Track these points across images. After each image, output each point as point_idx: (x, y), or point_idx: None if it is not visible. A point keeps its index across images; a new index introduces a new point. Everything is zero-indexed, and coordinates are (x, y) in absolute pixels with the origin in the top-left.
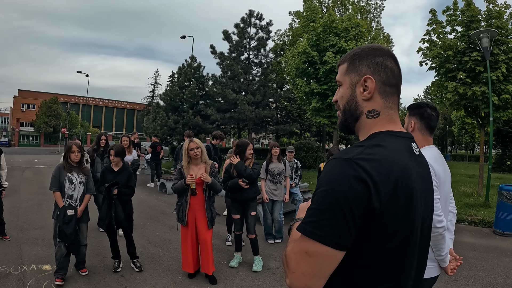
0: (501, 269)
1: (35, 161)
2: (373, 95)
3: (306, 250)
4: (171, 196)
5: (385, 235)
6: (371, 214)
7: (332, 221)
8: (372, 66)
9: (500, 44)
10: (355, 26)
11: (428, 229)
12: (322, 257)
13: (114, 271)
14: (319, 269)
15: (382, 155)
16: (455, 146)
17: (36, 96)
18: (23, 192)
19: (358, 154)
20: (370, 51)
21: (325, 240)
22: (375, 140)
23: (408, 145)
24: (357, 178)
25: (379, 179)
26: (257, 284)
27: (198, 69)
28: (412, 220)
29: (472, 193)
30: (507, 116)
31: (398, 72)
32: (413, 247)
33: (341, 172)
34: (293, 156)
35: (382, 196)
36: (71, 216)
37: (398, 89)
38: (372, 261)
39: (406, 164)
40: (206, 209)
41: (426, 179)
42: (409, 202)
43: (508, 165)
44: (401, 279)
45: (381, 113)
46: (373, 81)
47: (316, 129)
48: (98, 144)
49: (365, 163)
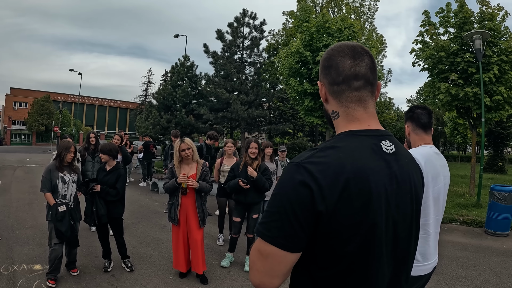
0: (493, 269)
1: (27, 160)
2: (327, 98)
3: (259, 249)
4: (163, 196)
5: (341, 237)
6: (318, 217)
7: (278, 223)
8: (323, 71)
9: (493, 46)
10: (348, 26)
11: (408, 231)
12: (271, 256)
13: (104, 270)
14: (271, 268)
15: (332, 157)
16: (447, 146)
17: (29, 94)
18: (14, 191)
19: (308, 157)
20: (323, 55)
21: (272, 240)
22: (331, 142)
23: (373, 143)
24: (301, 183)
25: (324, 183)
26: (248, 284)
27: (191, 68)
28: (373, 222)
29: (464, 193)
30: (499, 117)
31: (349, 65)
32: (379, 251)
33: (289, 177)
34: (285, 155)
35: (328, 200)
36: (63, 213)
37: (349, 83)
38: (334, 263)
39: (364, 164)
40: (198, 208)
41: (403, 178)
42: (366, 203)
43: (499, 165)
44: (368, 283)
45: (340, 113)
46: (322, 85)
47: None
48: (89, 143)
49: (312, 167)
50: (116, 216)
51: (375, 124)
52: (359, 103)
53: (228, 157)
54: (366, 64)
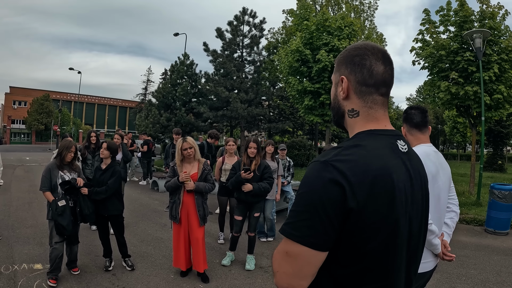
0: (493, 267)
1: (27, 159)
2: (349, 95)
3: (287, 251)
4: (163, 194)
5: (366, 234)
6: (348, 214)
7: (308, 222)
8: (349, 66)
9: (493, 45)
10: (348, 25)
11: (419, 227)
12: (301, 257)
13: (105, 270)
14: (300, 269)
15: (359, 155)
16: (446, 145)
17: (28, 93)
18: (14, 191)
19: (335, 156)
20: (351, 50)
21: (302, 240)
22: (354, 141)
23: (391, 143)
24: (332, 181)
25: (354, 180)
26: (250, 283)
27: (191, 66)
28: (396, 218)
29: (464, 191)
30: (499, 116)
31: (381, 70)
32: (400, 247)
33: (317, 175)
34: (285, 154)
35: (358, 196)
36: (63, 207)
37: (378, 88)
38: (356, 261)
39: (387, 162)
40: (199, 206)
41: (415, 176)
42: (391, 200)
43: (499, 164)
44: (389, 279)
45: (360, 113)
46: (346, 82)
47: (308, 127)
48: (89, 141)
49: (341, 165)
50: (114, 213)
51: (389, 125)
52: (381, 105)
53: (230, 156)
54: (392, 72)
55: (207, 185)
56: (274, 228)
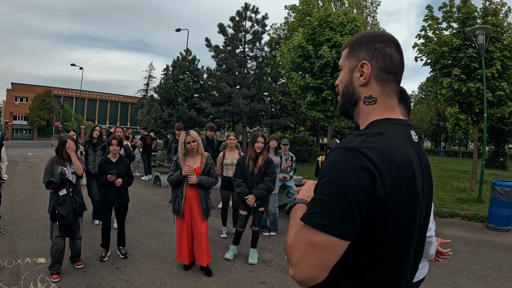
0: (494, 263)
1: (29, 154)
2: (369, 81)
3: (312, 241)
4: (165, 189)
5: (389, 221)
6: (377, 202)
7: (337, 211)
8: (370, 52)
9: (496, 42)
10: (351, 20)
11: (424, 216)
12: (328, 247)
13: (101, 260)
14: (325, 260)
15: (384, 143)
16: (448, 142)
17: (30, 89)
18: (16, 186)
19: (361, 142)
20: (370, 37)
21: (331, 230)
22: (376, 128)
23: (407, 132)
24: (362, 168)
25: (383, 168)
26: (252, 276)
27: (193, 62)
28: (415, 206)
29: (466, 188)
30: (501, 113)
31: (399, 60)
32: (415, 234)
33: (346, 161)
34: (287, 149)
35: (387, 184)
36: (64, 196)
37: (397, 77)
38: (375, 248)
39: (407, 151)
40: (201, 200)
41: (425, 167)
42: (411, 188)
43: (500, 161)
44: (402, 266)
45: (378, 100)
46: (369, 67)
47: (310, 123)
48: (91, 136)
49: (369, 152)
50: (126, 202)
51: (401, 115)
52: (396, 95)
53: (230, 150)
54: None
55: (210, 179)
56: (277, 222)
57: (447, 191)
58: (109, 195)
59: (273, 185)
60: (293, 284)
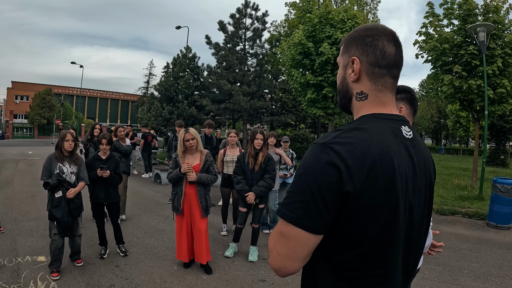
0: (495, 261)
1: (29, 153)
2: (360, 77)
3: (281, 231)
4: (165, 187)
5: (363, 219)
6: (345, 198)
7: (303, 204)
8: (361, 47)
9: (497, 39)
10: (351, 17)
11: (421, 216)
12: (295, 238)
13: (100, 257)
14: (293, 251)
15: (358, 138)
16: (449, 139)
17: (30, 87)
18: (16, 184)
19: (334, 138)
20: (361, 31)
21: (296, 221)
22: (355, 124)
23: (394, 128)
24: (329, 163)
25: (352, 163)
26: (253, 274)
27: (193, 59)
28: (395, 205)
29: (466, 186)
30: (502, 110)
31: (393, 52)
32: (399, 235)
33: (315, 157)
34: (288, 146)
35: (355, 180)
36: (59, 199)
37: (390, 70)
38: (353, 246)
39: (388, 147)
40: (201, 198)
41: (419, 163)
42: (390, 185)
43: (501, 159)
44: (386, 267)
45: (369, 96)
46: (358, 63)
47: (311, 121)
48: (92, 134)
49: (339, 147)
50: (116, 200)
51: (395, 110)
52: (391, 89)
53: (231, 147)
54: (402, 54)
55: (209, 177)
56: (277, 219)
57: (447, 188)
58: (98, 193)
59: (273, 182)
60: (293, 282)
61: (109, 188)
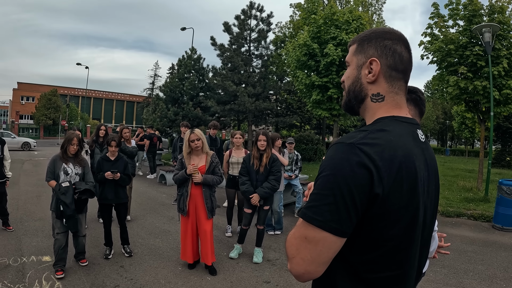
0: (500, 263)
1: (35, 153)
2: (377, 79)
3: (306, 236)
4: (170, 188)
5: (387, 221)
6: (374, 200)
7: (332, 207)
8: (380, 49)
9: (502, 39)
10: (356, 18)
11: (431, 218)
12: (322, 243)
13: (105, 257)
14: (319, 255)
15: (385, 140)
16: (454, 141)
17: (36, 88)
18: (22, 184)
19: (361, 139)
20: (380, 33)
21: (324, 225)
22: (379, 125)
23: (412, 131)
24: (360, 164)
25: (382, 164)
26: (257, 275)
27: (198, 60)
28: (416, 207)
29: (472, 187)
30: (508, 112)
31: (408, 58)
32: (417, 236)
33: (343, 157)
34: (293, 147)
35: (385, 182)
36: (66, 187)
37: (405, 75)
38: (373, 248)
39: (410, 150)
40: (206, 199)
41: (431, 166)
42: (413, 188)
43: (507, 161)
44: (404, 268)
45: (386, 98)
46: (378, 64)
47: (316, 122)
48: (98, 135)
49: (368, 148)
50: (125, 200)
51: (409, 113)
52: (403, 93)
53: (237, 149)
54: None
55: (214, 178)
56: (282, 221)
57: (453, 190)
58: (107, 194)
59: (278, 184)
60: (298, 283)
61: (118, 189)
